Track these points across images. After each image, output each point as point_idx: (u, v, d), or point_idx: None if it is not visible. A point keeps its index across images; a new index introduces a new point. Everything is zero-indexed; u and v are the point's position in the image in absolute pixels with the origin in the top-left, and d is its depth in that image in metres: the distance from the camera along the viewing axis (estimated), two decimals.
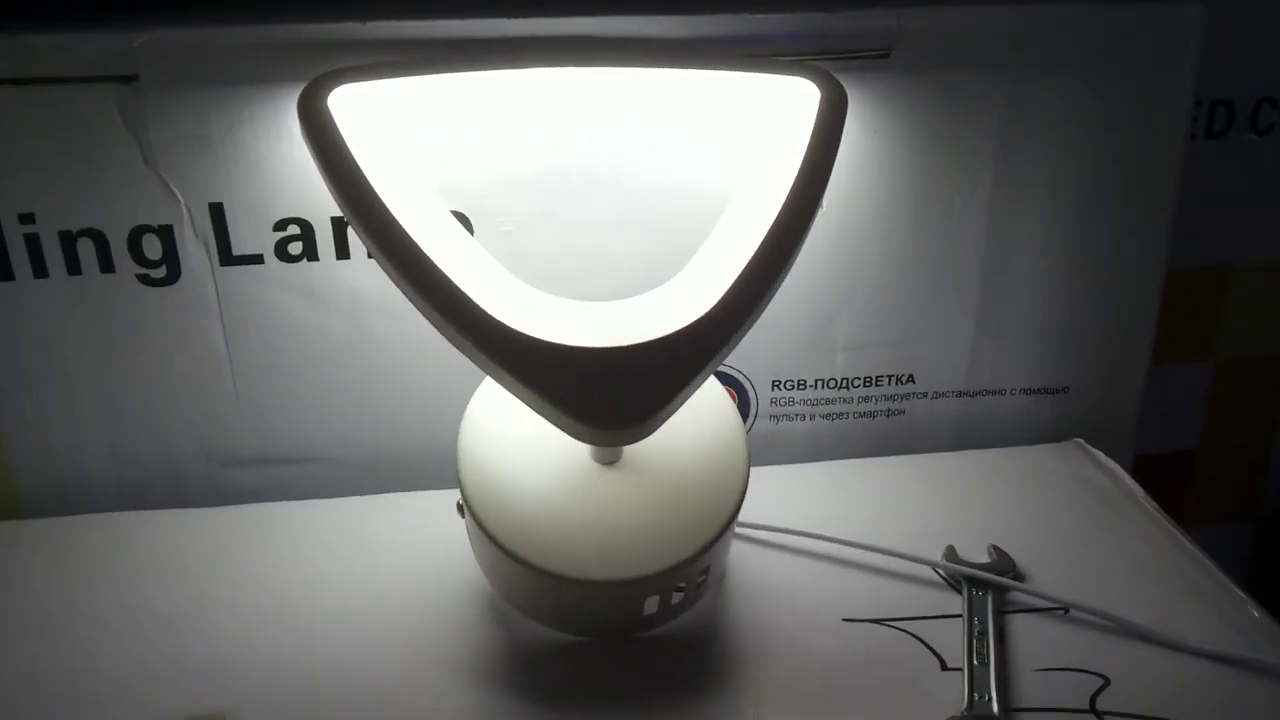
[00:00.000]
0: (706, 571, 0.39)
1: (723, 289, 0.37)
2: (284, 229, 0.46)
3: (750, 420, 0.52)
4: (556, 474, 0.38)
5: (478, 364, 0.36)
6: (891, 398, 0.52)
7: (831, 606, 0.41)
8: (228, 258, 0.46)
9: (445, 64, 0.41)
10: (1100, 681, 0.37)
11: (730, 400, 0.41)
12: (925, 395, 0.52)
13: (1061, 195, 0.49)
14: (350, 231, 0.46)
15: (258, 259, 0.46)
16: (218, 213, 0.45)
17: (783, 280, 0.38)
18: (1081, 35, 0.47)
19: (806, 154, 0.40)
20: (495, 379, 0.36)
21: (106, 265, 0.45)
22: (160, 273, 0.46)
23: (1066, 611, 0.40)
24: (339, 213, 0.45)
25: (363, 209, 0.36)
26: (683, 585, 0.38)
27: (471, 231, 0.46)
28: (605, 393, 0.35)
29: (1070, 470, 0.49)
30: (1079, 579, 0.41)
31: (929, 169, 0.48)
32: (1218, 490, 0.66)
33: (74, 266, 0.45)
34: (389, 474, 0.50)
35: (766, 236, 0.38)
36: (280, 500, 0.49)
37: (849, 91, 0.41)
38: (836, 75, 0.41)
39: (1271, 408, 0.65)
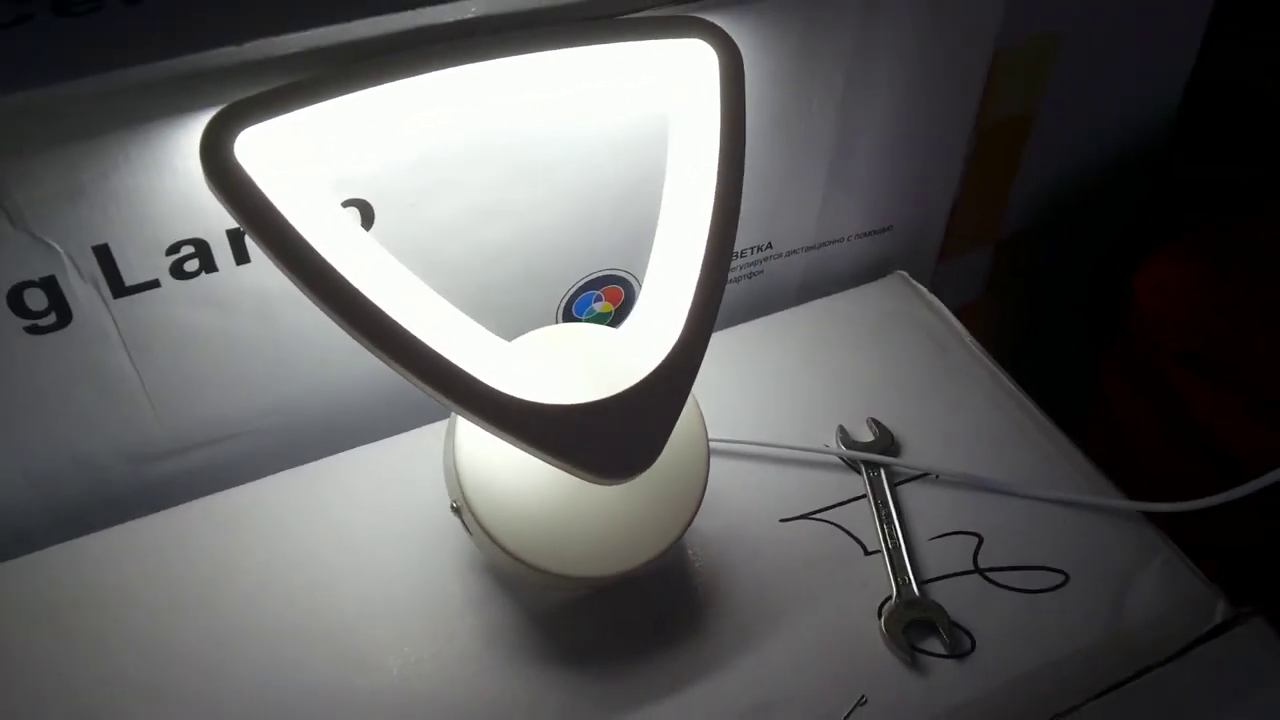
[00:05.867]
0: None
1: (681, 311, 0.41)
2: (177, 251, 0.43)
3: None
4: (553, 482, 0.42)
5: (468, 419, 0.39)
6: (753, 263, 0.58)
7: (764, 506, 0.49)
8: (120, 290, 0.43)
9: (345, 84, 0.39)
10: (976, 540, 0.48)
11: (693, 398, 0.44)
12: (780, 255, 0.58)
13: (900, 82, 0.54)
14: (248, 237, 0.44)
15: (153, 284, 0.43)
16: (103, 253, 0.42)
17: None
18: None
19: (721, 144, 0.43)
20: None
21: None
22: (49, 320, 0.42)
23: (937, 477, 0.51)
24: (234, 225, 0.43)
25: (324, 287, 0.37)
26: None
27: (374, 217, 0.45)
28: (608, 443, 0.39)
29: (900, 310, 0.58)
30: (934, 439, 0.51)
31: (788, 80, 0.51)
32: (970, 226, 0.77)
33: None
34: (310, 439, 0.51)
35: (709, 245, 0.42)
36: (214, 486, 0.49)
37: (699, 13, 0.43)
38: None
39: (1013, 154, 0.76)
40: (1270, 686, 0.43)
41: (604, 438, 0.39)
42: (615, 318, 0.56)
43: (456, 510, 0.44)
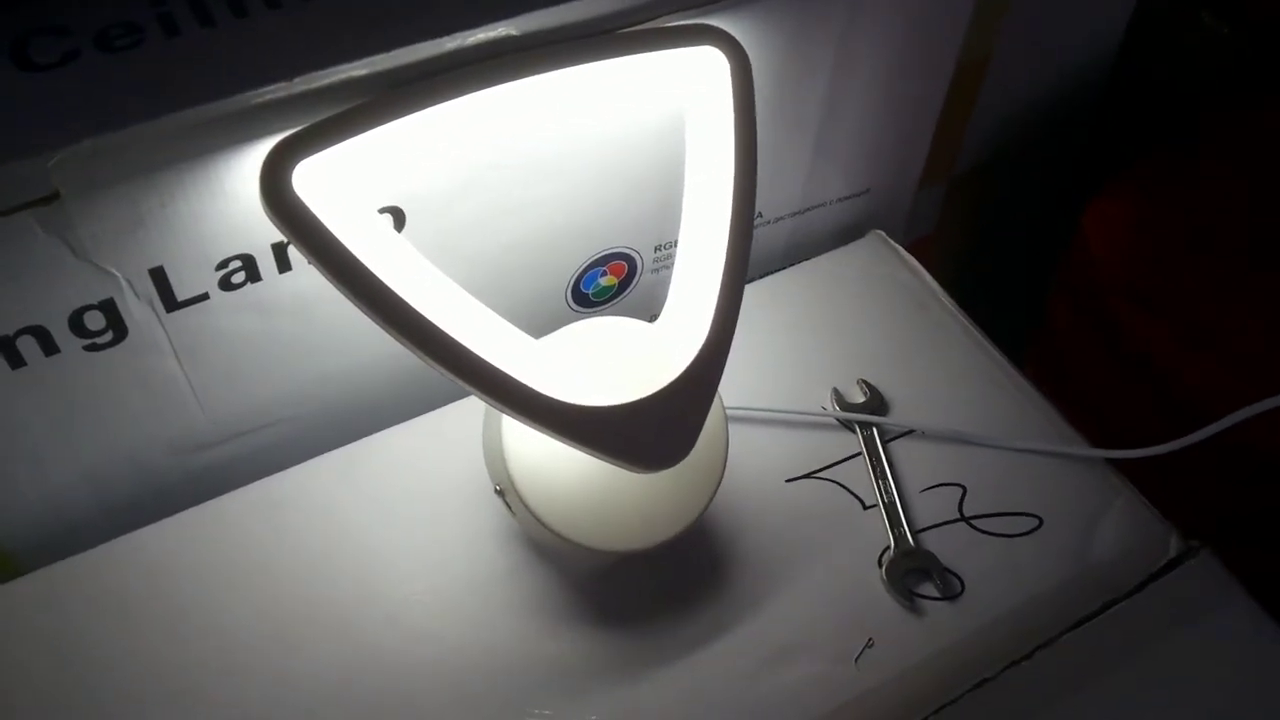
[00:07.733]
0: None
1: (708, 308, 0.45)
2: (226, 266, 0.45)
3: (637, 277, 0.59)
4: (591, 468, 0.46)
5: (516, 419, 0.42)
6: None
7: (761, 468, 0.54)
8: (172, 305, 0.45)
9: (390, 112, 0.41)
10: (960, 490, 0.54)
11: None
12: (769, 222, 0.62)
13: (883, 56, 0.57)
14: (290, 248, 0.46)
15: (203, 297, 0.45)
16: (158, 274, 0.44)
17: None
18: None
19: (735, 148, 0.46)
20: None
21: (51, 349, 0.43)
22: (107, 338, 0.44)
23: (923, 433, 0.56)
24: (279, 239, 0.45)
25: (390, 313, 0.39)
26: None
27: (405, 220, 0.48)
28: (648, 437, 0.43)
29: (880, 270, 0.63)
30: (918, 396, 0.56)
31: (782, 67, 0.53)
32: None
33: (17, 361, 0.43)
34: (342, 422, 0.54)
35: (729, 247, 0.45)
36: (255, 472, 0.52)
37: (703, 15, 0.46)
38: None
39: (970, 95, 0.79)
40: (1218, 611, 0.49)
41: (644, 433, 0.43)
42: (620, 288, 0.59)
43: (500, 493, 0.48)
